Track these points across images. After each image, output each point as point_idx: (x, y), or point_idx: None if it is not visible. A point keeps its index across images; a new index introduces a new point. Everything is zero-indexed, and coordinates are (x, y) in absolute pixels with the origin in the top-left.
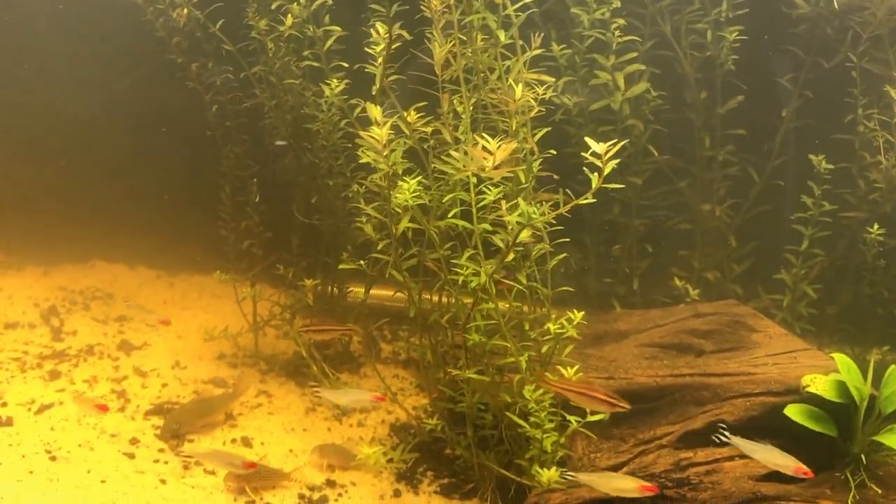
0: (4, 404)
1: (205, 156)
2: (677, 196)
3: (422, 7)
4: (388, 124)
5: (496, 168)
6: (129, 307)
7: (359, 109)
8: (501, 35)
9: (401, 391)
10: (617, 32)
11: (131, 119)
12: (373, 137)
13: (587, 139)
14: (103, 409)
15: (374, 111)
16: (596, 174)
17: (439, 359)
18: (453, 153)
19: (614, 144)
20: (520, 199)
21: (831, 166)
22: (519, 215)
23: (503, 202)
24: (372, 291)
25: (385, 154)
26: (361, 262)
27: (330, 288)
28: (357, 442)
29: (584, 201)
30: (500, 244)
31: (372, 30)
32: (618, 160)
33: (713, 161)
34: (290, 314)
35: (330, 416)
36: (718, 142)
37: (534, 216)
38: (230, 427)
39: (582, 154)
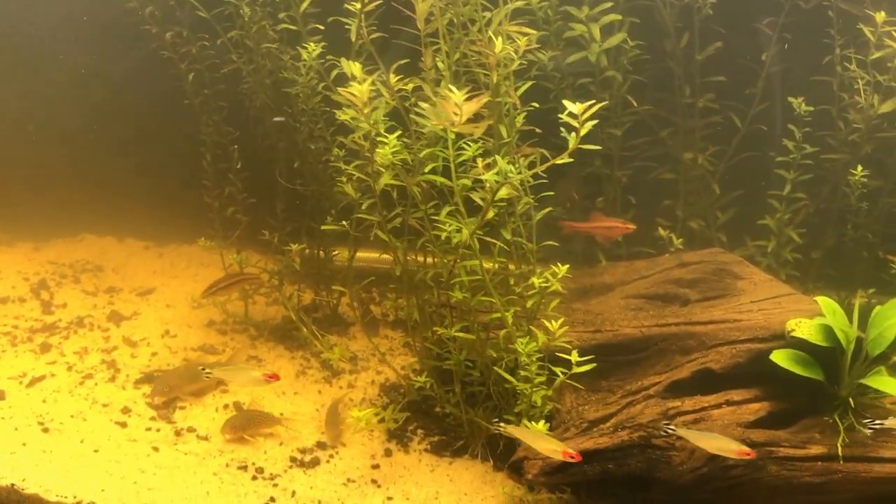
0: None
1: (190, 125)
2: (659, 146)
3: None
4: (369, 81)
5: (468, 123)
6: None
7: (336, 72)
8: None
9: (389, 351)
10: None
11: (117, 93)
12: (352, 94)
13: (565, 101)
14: (273, 378)
15: (354, 68)
16: (573, 134)
17: (426, 318)
18: (423, 105)
19: (591, 105)
20: (497, 157)
21: (811, 108)
22: (496, 173)
23: (479, 160)
24: (359, 254)
25: (366, 112)
26: (345, 223)
27: (316, 252)
28: (348, 404)
29: (561, 160)
30: (480, 202)
31: None
32: (595, 121)
33: (694, 109)
34: (278, 280)
35: (320, 378)
36: (699, 89)
37: (511, 174)
38: (221, 392)
39: (562, 113)
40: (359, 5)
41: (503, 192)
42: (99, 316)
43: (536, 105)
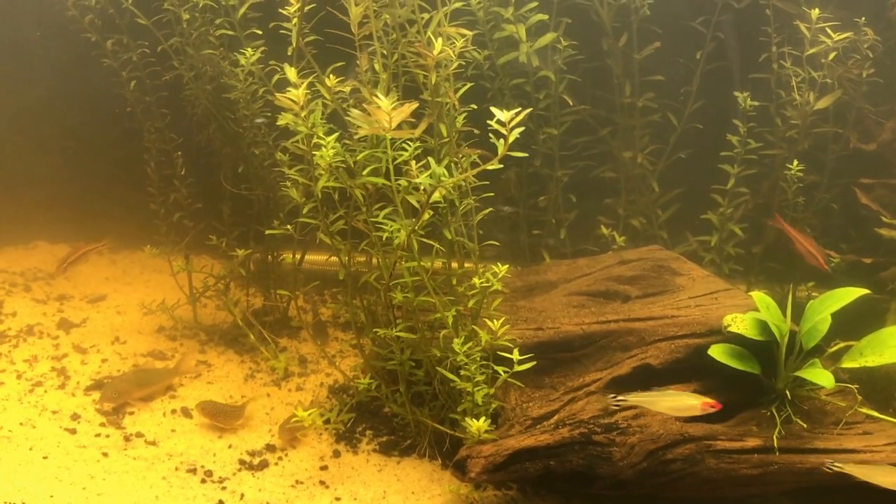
0: None
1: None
2: (600, 145)
3: None
4: (305, 85)
5: (396, 129)
6: None
7: (278, 76)
8: None
9: (340, 353)
10: None
11: (69, 99)
12: (290, 99)
13: (493, 109)
14: (714, 406)
15: (290, 72)
16: (502, 141)
17: (371, 319)
18: (352, 111)
19: (519, 113)
20: (430, 159)
21: (756, 103)
22: (429, 176)
23: (413, 163)
24: (309, 257)
25: (303, 115)
26: (289, 227)
27: (268, 256)
28: (296, 406)
29: (492, 166)
30: (416, 204)
31: None
32: (522, 128)
33: (633, 108)
34: (224, 284)
35: (269, 382)
36: (637, 88)
37: (444, 177)
38: (170, 398)
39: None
40: (293, 9)
41: (438, 195)
42: (48, 324)
43: (475, 106)
